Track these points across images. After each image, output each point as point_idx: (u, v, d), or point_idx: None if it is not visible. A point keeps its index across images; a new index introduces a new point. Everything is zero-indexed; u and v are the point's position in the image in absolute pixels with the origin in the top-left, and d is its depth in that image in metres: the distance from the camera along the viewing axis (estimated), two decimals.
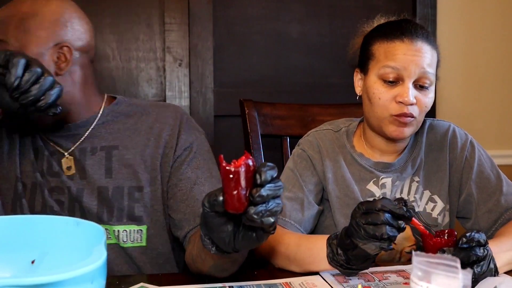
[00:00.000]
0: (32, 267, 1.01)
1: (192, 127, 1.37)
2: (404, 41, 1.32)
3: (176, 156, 1.32)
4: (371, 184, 1.41)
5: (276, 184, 0.90)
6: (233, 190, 0.88)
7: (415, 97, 1.31)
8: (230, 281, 1.12)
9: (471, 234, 1.04)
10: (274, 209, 0.90)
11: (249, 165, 0.90)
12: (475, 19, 2.34)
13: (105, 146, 1.31)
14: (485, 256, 1.05)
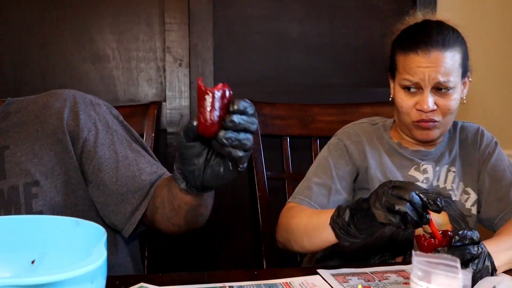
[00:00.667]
0: (32, 267, 1.00)
1: (89, 103, 1.30)
2: (418, 53, 1.40)
3: (82, 139, 1.26)
4: (413, 170, 1.49)
5: (250, 118, 0.96)
6: (207, 111, 0.93)
7: (435, 103, 1.40)
8: (230, 281, 1.12)
9: (463, 232, 1.05)
10: (244, 141, 0.95)
11: (225, 93, 0.96)
12: (475, 19, 2.34)
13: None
14: (479, 254, 1.05)
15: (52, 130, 1.26)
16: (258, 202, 1.79)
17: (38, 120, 1.27)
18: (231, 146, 0.93)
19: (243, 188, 1.96)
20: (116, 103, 2.05)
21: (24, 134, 1.26)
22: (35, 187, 1.23)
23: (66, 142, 1.25)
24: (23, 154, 1.25)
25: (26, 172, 1.23)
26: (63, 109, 1.27)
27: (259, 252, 1.81)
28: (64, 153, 1.26)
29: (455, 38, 1.44)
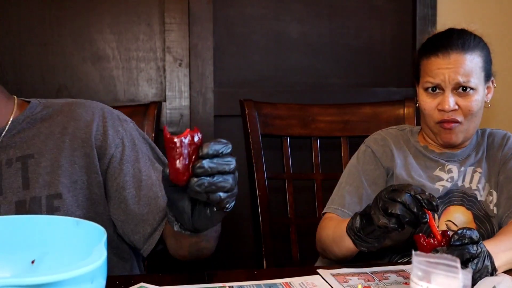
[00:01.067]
0: (32, 267, 1.00)
1: (117, 119, 1.30)
2: (438, 56, 1.47)
3: (109, 155, 1.25)
4: (438, 170, 1.53)
5: (224, 159, 0.92)
6: (175, 160, 0.91)
7: (456, 103, 1.46)
8: (230, 281, 1.12)
9: (463, 231, 1.05)
10: (220, 184, 0.91)
11: (194, 138, 0.92)
12: (475, 19, 2.34)
13: (20, 157, 1.23)
14: (479, 253, 1.05)
15: (80, 143, 1.25)
16: (258, 202, 1.79)
17: (65, 131, 1.25)
18: (206, 191, 0.91)
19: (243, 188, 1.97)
20: (116, 103, 2.05)
21: (50, 144, 1.24)
22: (57, 200, 1.21)
23: (93, 157, 1.24)
24: (48, 165, 1.22)
25: (49, 184, 1.21)
26: (92, 123, 1.26)
27: (259, 252, 1.81)
28: (89, 167, 1.24)
29: (476, 42, 1.50)
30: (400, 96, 2.12)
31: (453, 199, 1.49)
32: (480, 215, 1.48)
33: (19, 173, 1.22)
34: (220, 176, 0.91)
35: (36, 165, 1.22)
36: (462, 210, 1.48)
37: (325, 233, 1.39)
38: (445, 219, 1.47)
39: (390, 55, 2.29)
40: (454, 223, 1.47)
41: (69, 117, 1.27)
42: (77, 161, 1.24)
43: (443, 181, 1.51)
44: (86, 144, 1.24)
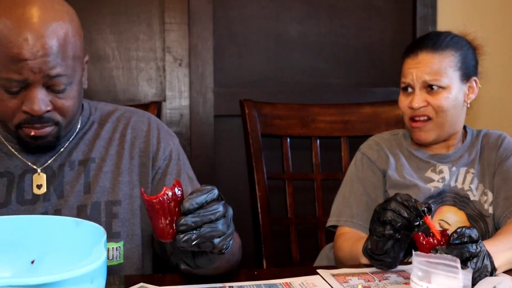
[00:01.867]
0: (32, 267, 1.00)
1: (167, 133, 1.34)
2: (410, 56, 1.54)
3: (157, 167, 1.28)
4: (429, 172, 1.55)
5: (208, 209, 0.90)
6: (157, 220, 0.90)
7: (426, 100, 1.50)
8: (230, 281, 1.12)
9: (462, 229, 1.05)
10: (208, 234, 0.90)
11: (176, 193, 0.91)
12: (475, 19, 2.34)
13: (82, 160, 1.25)
14: (478, 252, 1.05)
15: (137, 152, 1.28)
16: (258, 202, 1.79)
17: (124, 139, 1.28)
18: (195, 245, 0.90)
19: (243, 188, 1.97)
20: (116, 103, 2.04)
21: (111, 150, 1.27)
22: (116, 207, 1.24)
23: (148, 167, 1.27)
24: (108, 170, 1.25)
25: (110, 190, 1.24)
26: (150, 133, 1.30)
27: (259, 252, 1.81)
28: (144, 177, 1.27)
29: (452, 42, 1.53)
30: None
31: (445, 199, 1.51)
32: (474, 214, 1.49)
33: (81, 176, 1.23)
34: (207, 226, 0.90)
35: (97, 170, 1.24)
36: (454, 210, 1.50)
37: (342, 255, 1.43)
38: (438, 218, 1.49)
39: (390, 55, 2.29)
40: (447, 222, 1.48)
41: (126, 125, 1.30)
42: (134, 169, 1.27)
43: (435, 182, 1.53)
44: (143, 153, 1.28)
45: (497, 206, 1.48)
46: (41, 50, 1.08)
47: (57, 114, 1.16)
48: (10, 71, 1.09)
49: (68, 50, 1.13)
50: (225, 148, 2.17)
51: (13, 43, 1.08)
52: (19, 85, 1.11)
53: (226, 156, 2.18)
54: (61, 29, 1.12)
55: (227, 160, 2.18)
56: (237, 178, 2.12)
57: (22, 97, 1.12)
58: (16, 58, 1.08)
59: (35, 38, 1.08)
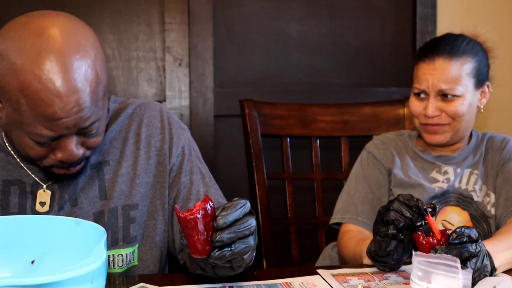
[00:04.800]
0: (32, 267, 1.01)
1: (178, 127, 1.29)
2: (425, 61, 1.51)
3: (172, 164, 1.25)
4: (434, 172, 1.56)
5: (243, 224, 0.91)
6: (193, 237, 0.91)
7: (441, 108, 1.50)
8: (230, 281, 1.12)
9: (461, 229, 1.05)
10: (242, 251, 0.92)
11: (207, 209, 0.91)
12: (475, 19, 2.34)
13: (95, 164, 1.20)
14: (478, 252, 1.05)
15: (154, 151, 1.24)
16: (258, 202, 1.79)
17: (139, 138, 1.23)
18: (228, 261, 0.91)
19: (243, 188, 1.97)
20: None
21: (127, 151, 1.22)
22: (133, 211, 1.20)
23: (166, 165, 1.24)
24: (125, 173, 1.21)
25: (126, 193, 1.20)
26: (163, 129, 1.25)
27: (259, 252, 1.81)
28: (162, 176, 1.24)
29: (468, 48, 1.52)
30: (400, 96, 2.12)
31: (449, 200, 1.51)
32: (477, 215, 1.50)
33: (94, 181, 1.19)
34: (241, 242, 0.91)
35: (112, 173, 1.20)
36: (458, 210, 1.51)
37: (346, 252, 1.44)
38: (441, 218, 1.50)
39: (390, 55, 2.29)
40: (450, 223, 1.49)
41: (140, 122, 1.25)
42: (151, 169, 1.23)
43: (439, 182, 1.53)
44: (160, 152, 1.24)
45: (498, 207, 1.49)
46: (75, 106, 1.01)
47: (88, 152, 1.12)
48: (42, 128, 1.02)
49: (99, 92, 1.06)
50: (225, 148, 2.17)
51: (45, 101, 0.99)
52: (51, 140, 1.06)
53: (226, 156, 2.18)
54: (91, 72, 1.03)
55: (227, 160, 2.18)
56: (237, 178, 2.12)
57: (54, 145, 1.07)
58: (49, 117, 1.01)
59: (68, 93, 1.00)
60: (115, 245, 1.18)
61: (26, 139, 1.06)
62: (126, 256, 1.19)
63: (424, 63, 1.51)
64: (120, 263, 1.19)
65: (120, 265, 1.19)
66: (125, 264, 1.20)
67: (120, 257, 1.19)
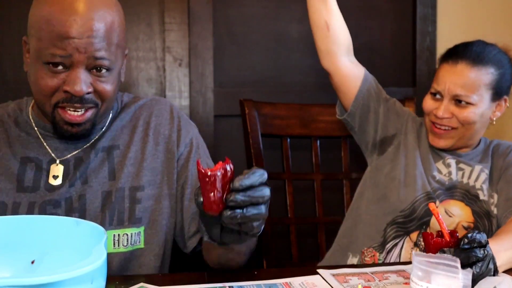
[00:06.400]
0: (32, 267, 1.01)
1: (187, 121, 1.36)
2: (448, 63, 1.53)
3: (179, 153, 1.30)
4: (438, 161, 1.59)
5: (258, 192, 0.93)
6: (209, 192, 0.93)
7: (452, 112, 1.52)
8: (230, 281, 1.12)
9: (472, 234, 1.04)
10: (253, 216, 0.93)
11: (227, 170, 0.94)
12: (475, 19, 2.34)
13: (106, 147, 1.27)
14: (485, 256, 1.05)
15: (162, 139, 1.30)
16: None
17: (149, 126, 1.30)
18: (239, 223, 0.93)
19: None
20: None
21: (136, 137, 1.29)
22: (139, 192, 1.26)
23: (174, 152, 1.30)
24: (133, 156, 1.27)
25: (134, 175, 1.26)
26: (173, 120, 1.33)
27: (259, 252, 1.81)
28: (170, 163, 1.30)
29: (495, 59, 1.52)
30: (400, 96, 2.12)
31: (454, 194, 1.54)
32: (480, 212, 1.52)
33: (105, 163, 1.26)
34: (253, 208, 0.93)
35: (121, 157, 1.27)
36: (461, 205, 1.53)
37: None
38: (443, 207, 1.53)
39: (390, 55, 2.29)
40: (452, 213, 1.52)
41: (150, 113, 1.32)
42: (159, 155, 1.29)
43: (442, 175, 1.57)
44: (168, 140, 1.30)
45: (499, 208, 1.50)
46: (88, 31, 1.13)
47: (97, 97, 1.19)
48: (55, 47, 1.12)
49: (113, 37, 1.17)
50: (225, 148, 2.17)
51: (62, 22, 1.12)
52: (62, 61, 1.14)
53: (226, 156, 2.18)
54: (108, 16, 1.16)
55: None
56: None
57: (64, 77, 1.15)
58: (63, 35, 1.12)
59: (84, 19, 1.13)
60: (120, 224, 1.23)
61: (41, 71, 1.15)
62: (131, 236, 1.23)
63: (447, 64, 1.53)
64: (125, 243, 1.23)
65: (125, 244, 1.23)
66: (130, 244, 1.23)
67: (125, 237, 1.23)
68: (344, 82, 1.63)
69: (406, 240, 1.51)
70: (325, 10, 1.60)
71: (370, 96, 1.64)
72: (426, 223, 1.51)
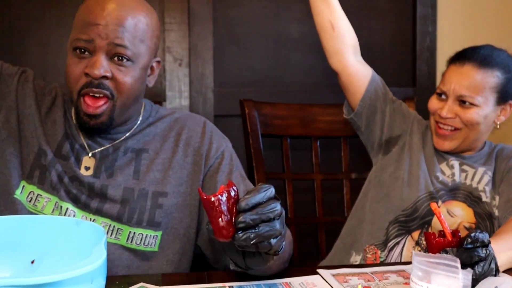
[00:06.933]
0: (32, 267, 1.01)
1: (220, 136, 1.40)
2: (456, 64, 1.55)
3: (209, 165, 1.33)
4: (441, 163, 1.60)
5: (266, 207, 0.91)
6: (217, 218, 0.91)
7: (456, 113, 1.53)
8: (230, 281, 1.12)
9: (475, 234, 1.04)
10: (267, 233, 0.91)
11: (231, 193, 0.92)
12: (475, 19, 2.34)
13: (136, 149, 1.32)
14: (487, 256, 1.05)
15: (192, 151, 1.34)
16: None
17: (180, 137, 1.35)
18: (253, 244, 0.91)
19: None
20: None
21: (166, 146, 1.33)
22: (162, 198, 1.29)
23: (201, 165, 1.33)
24: (160, 162, 1.31)
25: (159, 181, 1.30)
26: (204, 135, 1.36)
27: None
28: (196, 175, 1.33)
29: (503, 63, 1.53)
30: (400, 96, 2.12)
31: (457, 195, 1.55)
32: (482, 213, 1.53)
33: (132, 162, 1.30)
34: (265, 225, 0.91)
35: (149, 160, 1.31)
36: (463, 206, 1.54)
37: None
38: (446, 207, 1.53)
39: (390, 55, 2.29)
40: (454, 213, 1.53)
41: (183, 125, 1.37)
42: (186, 166, 1.32)
43: (446, 176, 1.58)
44: (197, 152, 1.34)
45: (499, 209, 1.50)
46: (112, 19, 1.20)
47: (113, 85, 1.23)
48: (81, 33, 1.21)
49: (138, 32, 1.23)
50: None
51: (92, 11, 1.21)
52: (85, 46, 1.21)
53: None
54: (138, 15, 1.24)
55: None
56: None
57: (87, 62, 1.21)
58: (89, 22, 1.20)
59: (111, 10, 1.21)
60: (139, 224, 1.27)
61: (71, 58, 1.23)
62: (145, 237, 1.27)
63: (454, 66, 1.55)
64: (138, 241, 1.27)
65: (138, 243, 1.27)
66: (143, 244, 1.27)
67: (140, 236, 1.27)
68: (352, 81, 1.64)
69: (408, 239, 1.52)
70: (328, 10, 1.60)
71: (377, 97, 1.64)
72: (428, 223, 1.51)
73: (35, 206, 1.25)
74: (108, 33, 1.20)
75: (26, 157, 1.28)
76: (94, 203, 1.26)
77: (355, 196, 1.75)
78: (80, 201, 1.26)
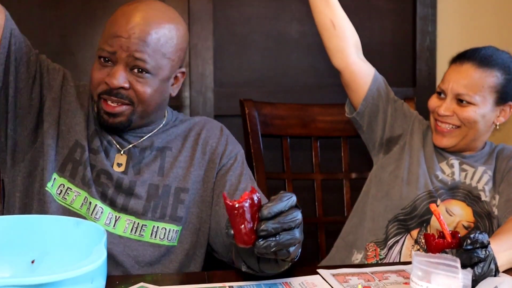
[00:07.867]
0: (32, 267, 1.01)
1: (235, 141, 1.46)
2: (456, 63, 1.57)
3: (222, 164, 1.38)
4: (441, 161, 1.61)
5: (288, 216, 0.92)
6: (239, 224, 0.91)
7: (454, 111, 1.54)
8: (230, 281, 1.12)
9: (475, 235, 1.04)
10: (287, 242, 0.92)
11: (254, 200, 0.92)
12: (475, 19, 2.34)
13: (160, 147, 1.37)
14: (486, 257, 1.05)
15: (209, 150, 1.40)
16: None
17: (198, 136, 1.41)
18: (273, 252, 0.92)
19: None
20: None
21: (187, 144, 1.39)
22: (184, 194, 1.35)
23: (216, 164, 1.38)
24: (182, 160, 1.37)
25: (181, 177, 1.36)
26: (221, 138, 1.43)
27: None
28: (210, 172, 1.38)
29: (504, 64, 1.54)
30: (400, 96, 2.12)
31: (456, 194, 1.56)
32: (481, 212, 1.53)
33: (157, 160, 1.36)
34: (286, 234, 0.92)
35: (172, 158, 1.37)
36: (463, 205, 1.55)
37: None
38: (445, 206, 1.54)
39: (390, 55, 2.29)
40: (452, 212, 1.53)
41: (202, 127, 1.43)
42: (204, 164, 1.38)
43: (445, 175, 1.58)
44: (214, 151, 1.40)
45: (499, 209, 1.51)
46: (136, 33, 1.24)
47: (133, 94, 1.27)
48: (106, 44, 1.25)
49: (161, 48, 1.27)
50: None
51: (118, 23, 1.26)
52: (109, 57, 1.26)
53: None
54: (163, 29, 1.27)
55: None
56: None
57: (108, 70, 1.27)
58: (114, 34, 1.25)
59: (136, 24, 1.25)
60: (162, 218, 1.32)
61: (96, 64, 1.29)
62: (168, 232, 1.32)
63: (454, 65, 1.57)
64: (162, 236, 1.31)
65: (161, 237, 1.31)
66: (166, 239, 1.31)
67: (163, 230, 1.31)
68: (354, 79, 1.64)
69: (407, 237, 1.52)
70: (328, 9, 1.61)
71: (379, 96, 1.64)
72: (427, 221, 1.52)
73: (65, 199, 1.29)
74: (130, 46, 1.24)
75: (61, 150, 1.32)
76: (120, 199, 1.30)
77: (355, 196, 1.75)
78: (107, 197, 1.30)
